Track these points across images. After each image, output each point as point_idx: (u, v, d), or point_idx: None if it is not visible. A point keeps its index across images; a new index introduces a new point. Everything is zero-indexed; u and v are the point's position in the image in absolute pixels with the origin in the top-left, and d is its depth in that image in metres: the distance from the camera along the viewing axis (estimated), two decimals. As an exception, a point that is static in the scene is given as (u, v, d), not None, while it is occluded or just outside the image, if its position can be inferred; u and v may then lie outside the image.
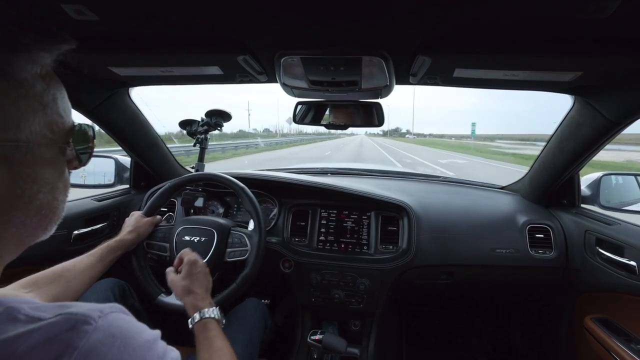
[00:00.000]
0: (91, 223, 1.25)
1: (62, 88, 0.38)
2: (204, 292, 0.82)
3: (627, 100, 0.87)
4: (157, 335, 0.38)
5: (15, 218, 0.33)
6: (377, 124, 1.17)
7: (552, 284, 1.27)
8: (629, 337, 0.97)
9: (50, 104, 0.35)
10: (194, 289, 0.81)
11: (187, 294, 0.80)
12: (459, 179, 1.82)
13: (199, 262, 0.88)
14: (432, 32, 0.70)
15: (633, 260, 0.95)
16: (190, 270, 0.85)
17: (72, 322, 0.30)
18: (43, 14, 0.64)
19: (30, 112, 0.33)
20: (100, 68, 0.91)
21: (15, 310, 0.30)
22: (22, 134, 0.32)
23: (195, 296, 0.80)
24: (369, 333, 1.27)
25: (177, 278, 0.84)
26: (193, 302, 0.78)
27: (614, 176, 1.29)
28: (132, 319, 0.36)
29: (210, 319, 0.75)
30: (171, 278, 0.86)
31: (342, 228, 1.30)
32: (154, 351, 0.35)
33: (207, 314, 0.75)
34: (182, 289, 0.82)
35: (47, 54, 0.34)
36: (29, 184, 0.34)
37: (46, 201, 0.36)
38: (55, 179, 0.37)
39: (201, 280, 0.84)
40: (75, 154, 0.41)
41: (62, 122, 0.37)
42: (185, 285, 0.82)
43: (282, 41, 0.78)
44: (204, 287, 0.83)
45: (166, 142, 1.50)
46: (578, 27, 0.63)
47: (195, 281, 0.83)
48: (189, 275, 0.84)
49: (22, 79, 0.32)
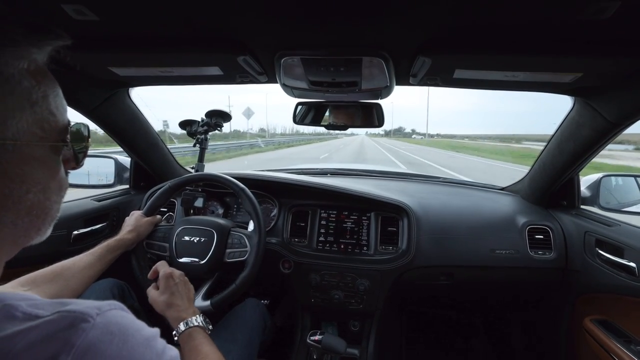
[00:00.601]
0: (91, 223, 1.25)
1: (56, 85, 0.37)
2: (185, 302, 0.81)
3: (627, 102, 0.87)
4: (156, 333, 0.38)
5: (5, 218, 0.33)
6: (377, 125, 1.17)
7: (552, 285, 1.27)
8: (628, 339, 0.97)
9: (39, 101, 0.34)
10: (174, 302, 0.79)
11: (168, 308, 0.79)
12: (459, 179, 1.83)
13: (175, 273, 0.86)
14: (433, 33, 0.70)
15: (633, 262, 0.95)
16: (168, 283, 0.83)
17: (70, 319, 0.30)
18: (43, 13, 0.64)
19: (17, 109, 0.32)
20: (100, 68, 0.91)
21: (13, 307, 0.30)
22: (8, 132, 0.31)
23: (177, 308, 0.78)
24: (368, 334, 1.27)
25: (156, 294, 0.83)
26: (175, 314, 0.77)
27: (613, 177, 1.29)
28: (130, 316, 0.36)
29: (195, 327, 0.74)
30: (151, 296, 0.84)
31: (341, 229, 1.30)
32: (152, 348, 0.35)
33: (191, 322, 0.75)
34: (162, 305, 0.80)
35: (36, 50, 0.33)
36: (17, 184, 0.33)
37: (37, 201, 0.35)
38: (46, 179, 0.36)
39: (181, 291, 0.82)
40: (72, 154, 0.41)
41: (55, 121, 0.36)
42: (165, 300, 0.80)
43: (282, 42, 0.78)
44: (184, 297, 0.82)
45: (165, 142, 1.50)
46: (578, 28, 0.63)
47: (174, 294, 0.81)
48: (167, 288, 0.82)
49: (8, 74, 0.31)
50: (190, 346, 0.70)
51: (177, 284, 0.83)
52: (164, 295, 0.81)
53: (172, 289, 0.82)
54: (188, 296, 0.83)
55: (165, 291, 0.82)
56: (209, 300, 0.99)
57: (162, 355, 0.36)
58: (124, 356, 0.31)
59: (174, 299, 0.80)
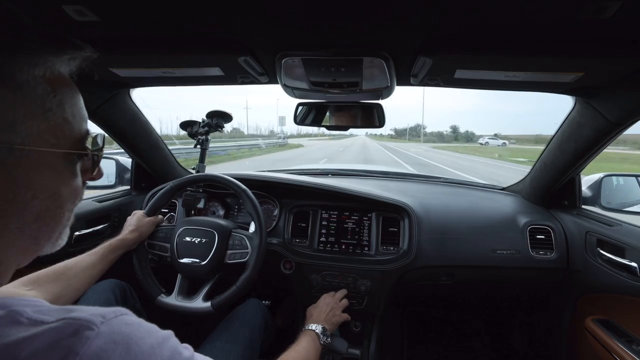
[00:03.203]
0: (92, 224, 1.25)
1: (75, 94, 0.37)
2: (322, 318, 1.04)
3: (628, 101, 0.87)
4: (165, 337, 0.36)
5: (11, 224, 0.32)
6: (378, 125, 1.17)
7: (553, 285, 1.27)
8: (630, 339, 0.97)
9: (54, 108, 0.34)
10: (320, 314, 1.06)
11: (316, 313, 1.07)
12: (459, 179, 1.82)
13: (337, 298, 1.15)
14: (433, 33, 0.70)
15: (634, 262, 0.95)
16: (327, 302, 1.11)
17: (74, 327, 0.30)
18: (44, 14, 0.64)
19: (28, 115, 0.32)
20: (101, 69, 0.91)
21: (18, 313, 0.30)
22: (17, 137, 0.31)
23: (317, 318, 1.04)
24: (370, 334, 1.26)
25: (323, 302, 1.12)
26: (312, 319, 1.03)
27: (614, 177, 1.29)
28: (136, 323, 0.35)
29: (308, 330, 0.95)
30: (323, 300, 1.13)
31: (342, 229, 1.30)
32: (157, 356, 0.34)
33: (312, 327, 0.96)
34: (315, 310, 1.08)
35: (53, 57, 0.33)
36: (21, 189, 0.32)
37: (45, 208, 0.34)
38: (56, 186, 0.35)
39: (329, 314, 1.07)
40: (91, 165, 0.40)
41: (70, 128, 0.36)
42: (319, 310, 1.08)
43: (283, 42, 0.78)
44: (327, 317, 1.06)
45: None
46: (579, 28, 0.63)
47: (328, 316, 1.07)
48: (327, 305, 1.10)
49: (22, 80, 0.31)
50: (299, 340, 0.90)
51: (333, 308, 1.09)
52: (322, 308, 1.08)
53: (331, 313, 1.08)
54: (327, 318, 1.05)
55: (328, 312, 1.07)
56: (210, 302, 0.99)
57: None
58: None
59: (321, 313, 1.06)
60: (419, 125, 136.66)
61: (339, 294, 1.17)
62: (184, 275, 1.06)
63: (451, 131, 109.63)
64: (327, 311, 1.06)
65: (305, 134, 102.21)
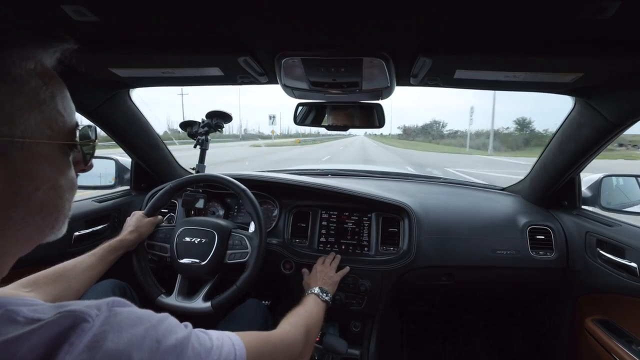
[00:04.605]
0: (92, 224, 1.25)
1: (63, 87, 0.38)
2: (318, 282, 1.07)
3: (628, 102, 0.87)
4: (159, 319, 0.37)
5: (16, 215, 0.33)
6: (378, 125, 1.17)
7: (553, 285, 1.27)
8: (629, 339, 0.97)
9: (47, 100, 0.35)
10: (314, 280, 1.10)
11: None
12: (459, 180, 1.82)
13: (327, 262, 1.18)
14: (433, 33, 0.70)
15: (634, 262, 0.95)
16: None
17: (70, 319, 0.31)
18: (43, 14, 0.64)
19: (25, 108, 0.33)
20: (101, 69, 0.91)
21: (14, 312, 0.30)
22: (16, 130, 0.32)
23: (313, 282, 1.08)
24: (369, 334, 1.26)
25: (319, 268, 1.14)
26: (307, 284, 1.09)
27: (614, 177, 1.29)
28: (127, 310, 0.35)
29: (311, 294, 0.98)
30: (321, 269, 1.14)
31: (342, 229, 1.30)
32: (150, 337, 0.34)
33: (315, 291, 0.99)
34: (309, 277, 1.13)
35: (42, 51, 0.34)
36: (25, 181, 0.33)
37: (48, 199, 0.36)
38: (56, 177, 0.36)
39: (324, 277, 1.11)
40: (82, 156, 0.41)
41: (63, 120, 0.37)
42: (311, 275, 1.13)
43: (282, 42, 0.78)
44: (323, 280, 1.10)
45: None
46: (579, 28, 0.63)
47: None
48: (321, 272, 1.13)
49: (16, 74, 0.32)
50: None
51: (324, 271, 1.12)
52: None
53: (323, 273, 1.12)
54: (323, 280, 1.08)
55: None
56: (210, 302, 0.99)
57: (162, 341, 0.35)
58: (121, 350, 0.31)
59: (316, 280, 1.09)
60: (436, 122, 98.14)
61: (328, 259, 1.19)
62: (184, 276, 1.05)
63: (516, 127, 55.95)
64: (321, 277, 1.09)
65: (295, 133, 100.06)
